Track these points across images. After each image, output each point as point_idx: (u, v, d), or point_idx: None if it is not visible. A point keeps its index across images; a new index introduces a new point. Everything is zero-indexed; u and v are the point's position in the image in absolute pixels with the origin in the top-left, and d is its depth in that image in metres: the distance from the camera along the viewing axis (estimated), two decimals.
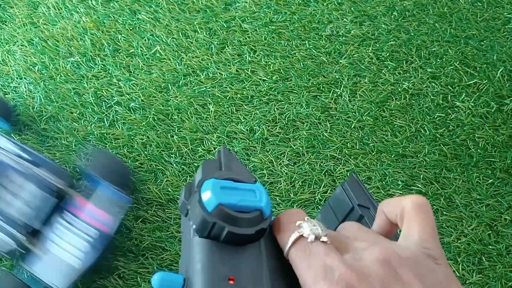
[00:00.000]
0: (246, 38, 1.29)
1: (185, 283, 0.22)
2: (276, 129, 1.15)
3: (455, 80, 1.24)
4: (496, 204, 1.07)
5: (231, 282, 0.21)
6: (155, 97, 1.18)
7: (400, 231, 0.27)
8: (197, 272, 0.21)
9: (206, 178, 0.25)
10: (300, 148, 1.12)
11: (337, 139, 1.14)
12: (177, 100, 1.18)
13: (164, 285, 0.22)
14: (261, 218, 0.24)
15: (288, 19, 1.33)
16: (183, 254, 0.24)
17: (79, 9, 1.33)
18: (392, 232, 0.29)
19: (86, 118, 1.15)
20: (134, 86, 1.20)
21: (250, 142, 1.13)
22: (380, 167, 1.11)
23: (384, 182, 1.09)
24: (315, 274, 0.21)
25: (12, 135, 1.07)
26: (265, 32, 1.30)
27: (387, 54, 1.27)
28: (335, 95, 1.20)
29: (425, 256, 0.23)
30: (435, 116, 1.18)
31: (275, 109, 1.17)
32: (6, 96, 1.18)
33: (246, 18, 1.33)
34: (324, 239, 0.23)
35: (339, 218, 0.24)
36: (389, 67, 1.25)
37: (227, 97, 1.18)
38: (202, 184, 0.24)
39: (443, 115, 1.18)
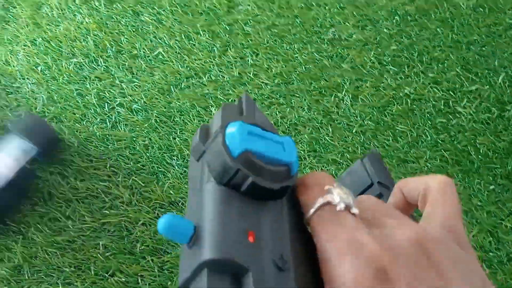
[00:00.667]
0: (248, 41, 1.29)
1: (195, 231, 0.19)
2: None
3: (457, 86, 1.24)
4: (497, 211, 1.07)
5: (250, 238, 0.19)
6: (158, 99, 1.18)
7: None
8: (212, 221, 0.19)
9: (231, 120, 0.22)
10: (301, 152, 1.12)
11: (338, 143, 1.14)
12: (179, 102, 1.18)
13: (171, 231, 0.19)
14: (287, 174, 0.22)
15: (290, 22, 1.34)
16: (191, 202, 0.21)
17: (82, 10, 1.33)
18: (407, 212, 0.27)
19: (89, 119, 1.15)
20: (136, 87, 1.20)
21: None
22: None
23: None
24: (341, 247, 0.19)
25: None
26: (268, 35, 1.30)
27: (389, 59, 1.28)
28: (337, 99, 1.21)
29: (451, 240, 0.22)
30: (437, 122, 1.18)
31: (277, 113, 1.18)
32: (9, 96, 1.18)
33: (248, 21, 1.33)
34: (355, 211, 0.21)
35: (354, 193, 0.23)
36: (391, 72, 1.26)
37: (229, 100, 1.19)
38: (227, 126, 0.22)
39: (445, 120, 1.19)
